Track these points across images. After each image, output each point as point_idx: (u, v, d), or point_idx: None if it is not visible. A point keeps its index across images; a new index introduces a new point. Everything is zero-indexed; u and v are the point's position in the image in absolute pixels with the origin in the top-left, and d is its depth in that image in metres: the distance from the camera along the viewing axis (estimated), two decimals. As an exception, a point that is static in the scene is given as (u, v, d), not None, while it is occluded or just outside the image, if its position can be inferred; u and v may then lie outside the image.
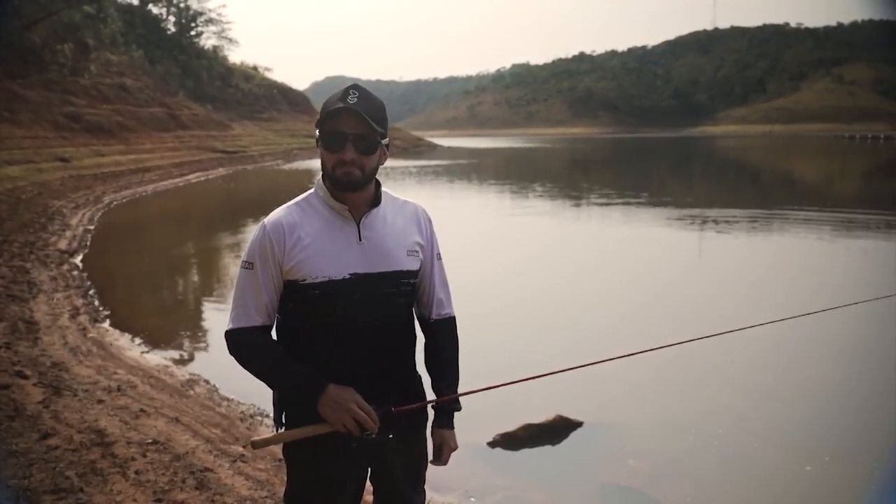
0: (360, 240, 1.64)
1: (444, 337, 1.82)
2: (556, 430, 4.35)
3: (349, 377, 1.62)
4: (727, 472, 4.08)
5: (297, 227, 1.63)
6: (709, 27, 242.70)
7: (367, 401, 1.59)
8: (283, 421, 1.71)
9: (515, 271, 9.51)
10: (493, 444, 4.22)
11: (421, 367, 1.84)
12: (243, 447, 3.85)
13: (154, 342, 6.27)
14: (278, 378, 1.64)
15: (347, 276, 1.61)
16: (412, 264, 1.71)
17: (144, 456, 3.49)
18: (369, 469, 1.74)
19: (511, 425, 4.31)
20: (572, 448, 4.24)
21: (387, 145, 1.68)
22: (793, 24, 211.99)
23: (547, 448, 4.23)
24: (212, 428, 4.08)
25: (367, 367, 1.65)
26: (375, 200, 1.69)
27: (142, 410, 4.19)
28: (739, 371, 5.55)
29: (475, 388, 1.78)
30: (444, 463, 1.79)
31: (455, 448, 1.79)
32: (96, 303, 7.50)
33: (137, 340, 6.23)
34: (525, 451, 4.20)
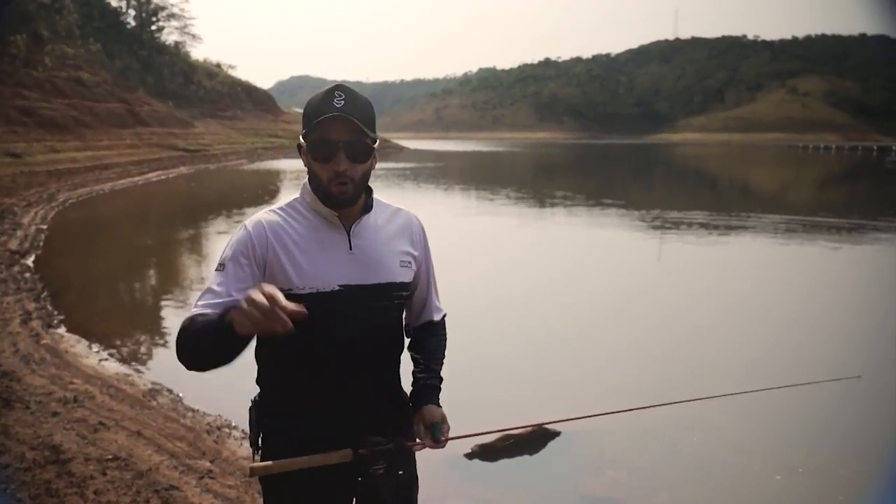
0: (351, 249, 1.53)
1: (438, 333, 1.75)
2: (535, 441, 4.28)
3: (336, 397, 1.51)
4: (703, 481, 4.09)
5: (283, 233, 1.50)
6: (670, 37, 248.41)
7: (356, 424, 1.48)
8: (260, 444, 1.57)
9: (487, 273, 9.46)
10: (470, 456, 4.12)
11: (406, 384, 1.73)
12: (211, 461, 3.66)
13: (113, 349, 5.99)
14: (206, 332, 1.36)
15: (337, 288, 1.49)
16: (405, 276, 1.60)
17: (104, 474, 3.29)
18: (354, 499, 1.61)
19: (489, 436, 4.22)
20: (551, 458, 4.17)
21: (376, 148, 1.57)
22: (750, 37, 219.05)
23: (525, 458, 4.16)
24: (177, 441, 3.88)
25: (355, 388, 1.53)
26: (366, 207, 1.58)
27: (100, 423, 3.97)
28: (712, 380, 5.58)
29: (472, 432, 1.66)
30: (445, 444, 1.61)
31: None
32: (50, 307, 7.15)
33: (95, 347, 5.93)
34: (503, 462, 4.12)
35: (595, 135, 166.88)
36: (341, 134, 1.45)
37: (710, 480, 4.07)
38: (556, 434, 4.37)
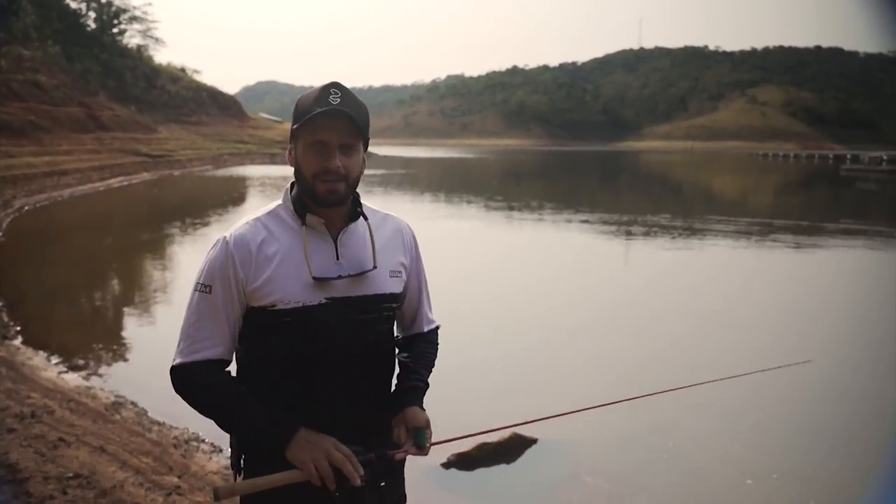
0: (338, 259, 1.45)
1: (429, 340, 1.66)
2: (512, 448, 4.24)
3: (323, 417, 1.41)
4: (679, 486, 4.11)
5: (266, 245, 1.41)
6: (635, 46, 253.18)
7: (343, 442, 1.37)
8: (242, 465, 1.48)
9: (457, 279, 9.42)
10: (447, 465, 4.06)
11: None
12: (178, 477, 3.53)
13: (73, 361, 5.77)
14: (240, 421, 1.40)
15: (324, 301, 1.41)
16: (395, 287, 1.52)
17: (65, 493, 3.13)
18: None
19: (465, 445, 4.16)
20: (529, 466, 4.14)
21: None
22: (711, 47, 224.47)
23: (503, 467, 4.12)
24: (142, 457, 3.72)
25: (343, 406, 1.44)
26: (353, 214, 1.49)
27: (60, 439, 3.79)
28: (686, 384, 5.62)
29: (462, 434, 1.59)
30: (428, 451, 1.50)
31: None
32: (5, 317, 6.86)
33: (54, 359, 5.70)
34: (481, 471, 4.06)
35: (562, 142, 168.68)
36: (337, 130, 1.39)
37: (685, 485, 4.09)
38: (532, 441, 4.33)
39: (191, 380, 1.41)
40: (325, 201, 1.41)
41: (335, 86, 1.40)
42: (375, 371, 1.52)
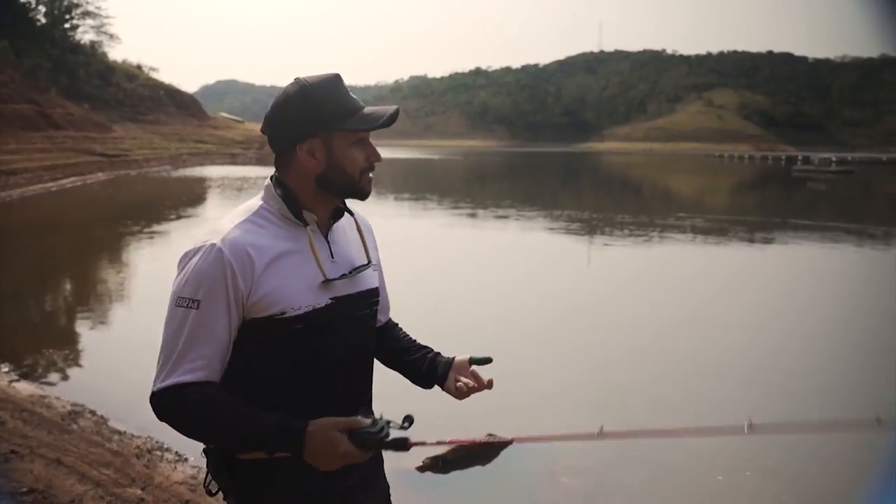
0: (333, 257, 1.38)
1: (398, 326, 1.67)
2: (487, 450, 4.17)
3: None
4: (654, 485, 4.13)
5: (264, 249, 1.29)
6: (595, 49, 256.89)
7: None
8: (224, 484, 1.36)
9: (422, 278, 9.36)
10: (422, 469, 3.93)
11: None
12: (142, 489, 3.37)
13: (26, 368, 5.50)
14: (241, 432, 1.26)
15: (329, 302, 1.33)
16: (377, 280, 1.50)
17: (19, 509, 2.95)
18: None
19: (439, 447, 4.09)
20: (504, 468, 4.02)
21: None
22: (669, 51, 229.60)
23: (478, 469, 4.00)
24: (102, 468, 3.55)
25: (345, 405, 1.37)
26: (339, 211, 1.43)
27: (13, 452, 3.58)
28: (655, 381, 5.68)
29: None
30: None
31: None
32: (-49, 324, 6.52)
33: (4, 367, 5.42)
34: (456, 475, 3.92)
35: (524, 143, 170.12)
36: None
37: (662, 483, 4.12)
38: (507, 442, 4.25)
39: (178, 402, 1.25)
40: (366, 193, 1.39)
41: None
42: (370, 366, 1.49)
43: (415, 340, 1.62)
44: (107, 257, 11.75)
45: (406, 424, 1.27)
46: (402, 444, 1.23)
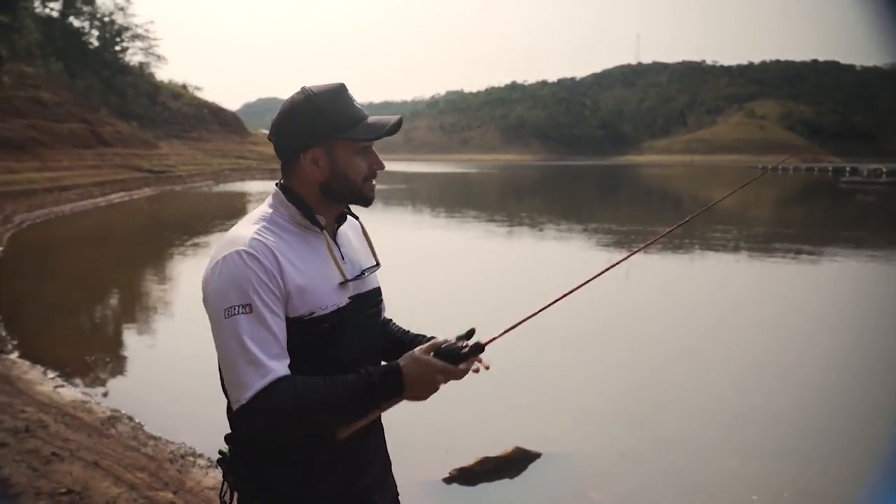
0: (343, 259, 1.43)
1: (392, 322, 1.67)
2: (515, 463, 4.15)
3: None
4: (686, 502, 4.01)
5: (286, 252, 1.33)
6: (633, 61, 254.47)
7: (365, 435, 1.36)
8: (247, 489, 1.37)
9: (459, 293, 9.37)
10: (448, 480, 3.98)
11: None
12: (174, 493, 3.45)
13: (70, 375, 5.70)
14: (347, 397, 1.28)
15: (348, 301, 1.40)
16: (378, 279, 1.56)
17: (57, 509, 3.06)
18: None
19: (467, 459, 4.08)
20: (532, 481, 4.05)
21: None
22: (709, 62, 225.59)
23: (506, 482, 4.03)
24: (137, 472, 3.65)
25: None
26: (342, 216, 1.49)
27: (54, 454, 3.72)
28: (690, 399, 5.55)
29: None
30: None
31: None
32: (3, 331, 6.81)
33: (51, 373, 5.63)
34: (483, 486, 3.98)
35: (561, 157, 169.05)
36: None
37: (693, 501, 4.00)
38: (536, 456, 4.25)
39: (279, 401, 1.24)
40: (369, 200, 1.43)
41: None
42: (380, 360, 1.51)
43: (408, 331, 1.64)
44: (151, 270, 12.11)
45: (472, 332, 1.39)
46: (480, 348, 1.36)
